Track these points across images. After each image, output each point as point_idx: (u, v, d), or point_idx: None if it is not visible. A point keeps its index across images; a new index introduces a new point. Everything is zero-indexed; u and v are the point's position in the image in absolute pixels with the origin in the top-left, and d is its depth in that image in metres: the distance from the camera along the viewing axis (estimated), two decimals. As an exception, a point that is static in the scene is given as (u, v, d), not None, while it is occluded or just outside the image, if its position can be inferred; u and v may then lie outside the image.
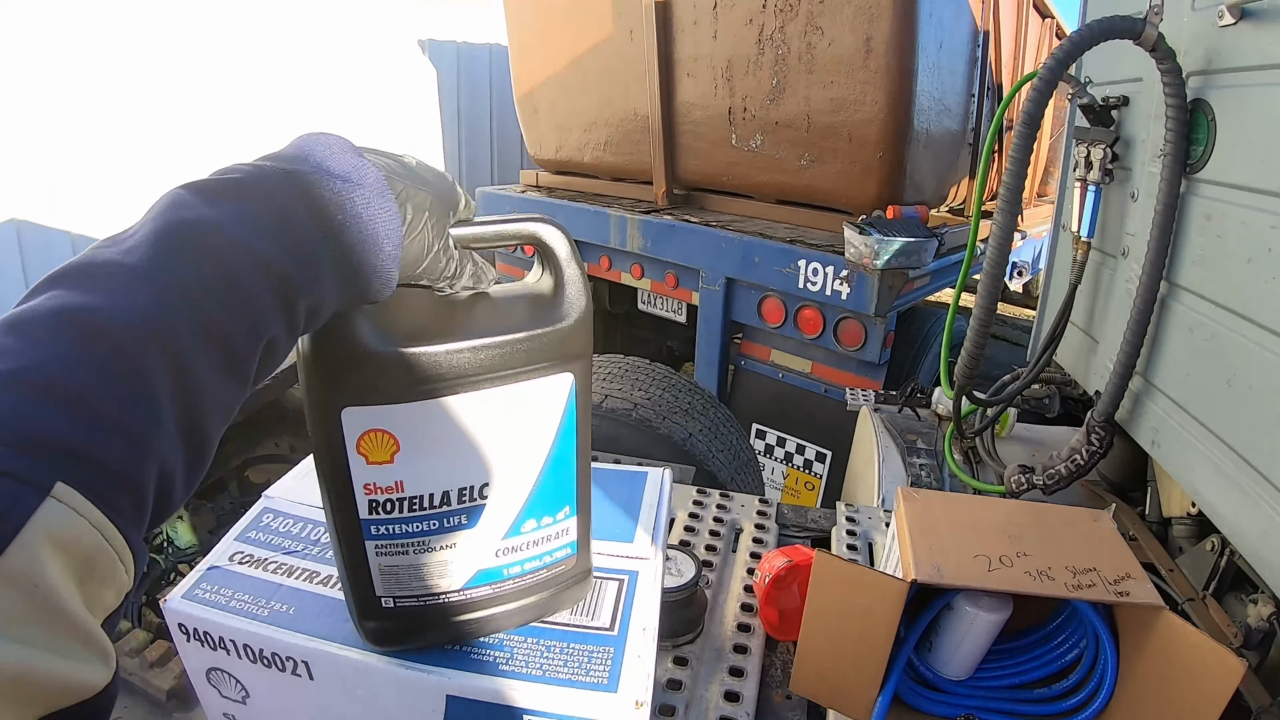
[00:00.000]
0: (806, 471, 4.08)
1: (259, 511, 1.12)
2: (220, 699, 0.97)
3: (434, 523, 0.83)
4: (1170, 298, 1.73)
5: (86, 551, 0.44)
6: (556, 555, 0.92)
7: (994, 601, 1.15)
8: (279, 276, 0.56)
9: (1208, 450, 1.55)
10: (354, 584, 0.85)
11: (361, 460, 0.77)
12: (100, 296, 0.48)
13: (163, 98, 6.27)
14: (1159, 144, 1.69)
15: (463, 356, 0.75)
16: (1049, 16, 5.49)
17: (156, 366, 0.48)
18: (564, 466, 0.88)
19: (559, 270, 0.82)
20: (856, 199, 3.95)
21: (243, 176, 0.58)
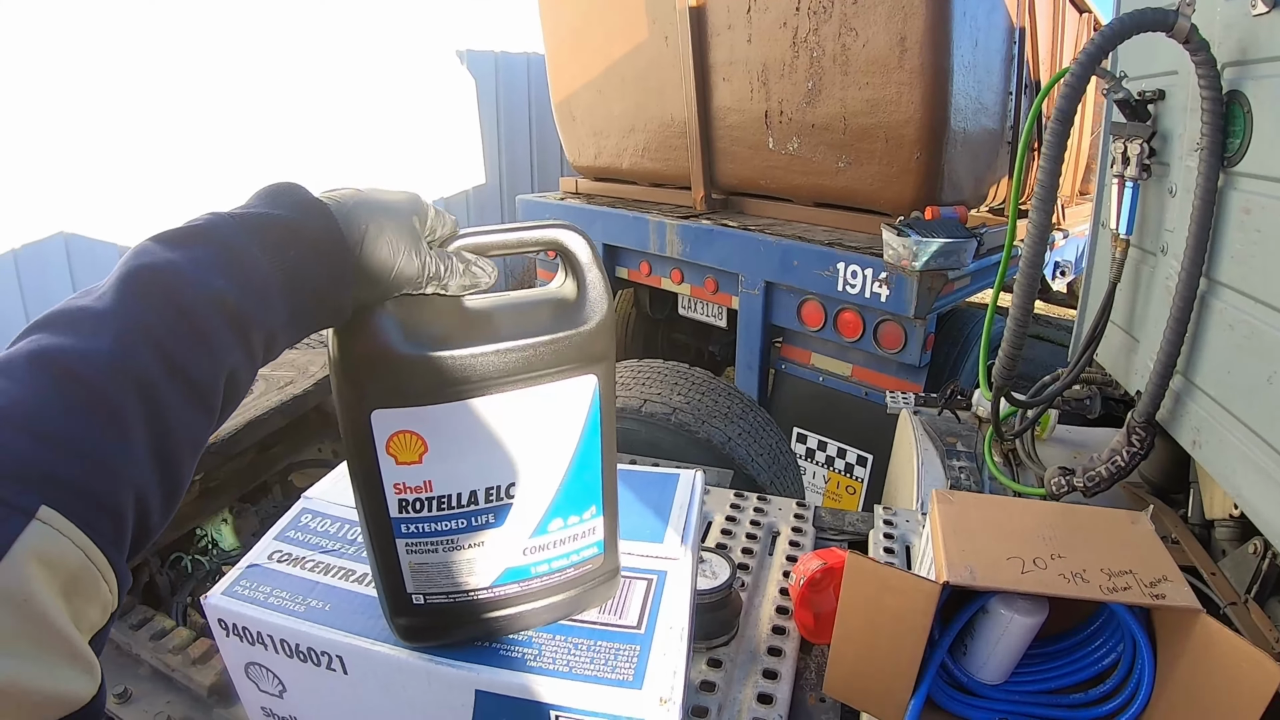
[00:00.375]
0: (848, 475, 4.06)
1: (298, 512, 1.16)
2: (258, 693, 1.01)
3: (462, 521, 0.85)
4: (1210, 294, 1.70)
5: (70, 569, 0.47)
6: (584, 554, 0.94)
7: (1029, 605, 1.15)
8: (232, 310, 0.60)
9: (1250, 450, 1.52)
10: (386, 581, 0.88)
11: (391, 460, 0.80)
12: (72, 338, 0.53)
13: (208, 110, 6.38)
14: (1196, 137, 1.67)
15: (488, 359, 0.78)
16: (1086, 11, 5.42)
17: (127, 399, 0.53)
18: (589, 466, 0.90)
19: (581, 275, 0.85)
20: (894, 200, 3.93)
21: (201, 223, 0.62)
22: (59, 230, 5.78)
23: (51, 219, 5.73)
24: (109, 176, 5.91)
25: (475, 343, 0.78)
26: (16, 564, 0.44)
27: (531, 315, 0.83)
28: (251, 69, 6.63)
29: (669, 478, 1.21)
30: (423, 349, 0.76)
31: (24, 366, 0.51)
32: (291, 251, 0.64)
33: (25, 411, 0.49)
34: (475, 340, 0.78)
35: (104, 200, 5.94)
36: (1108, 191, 2.19)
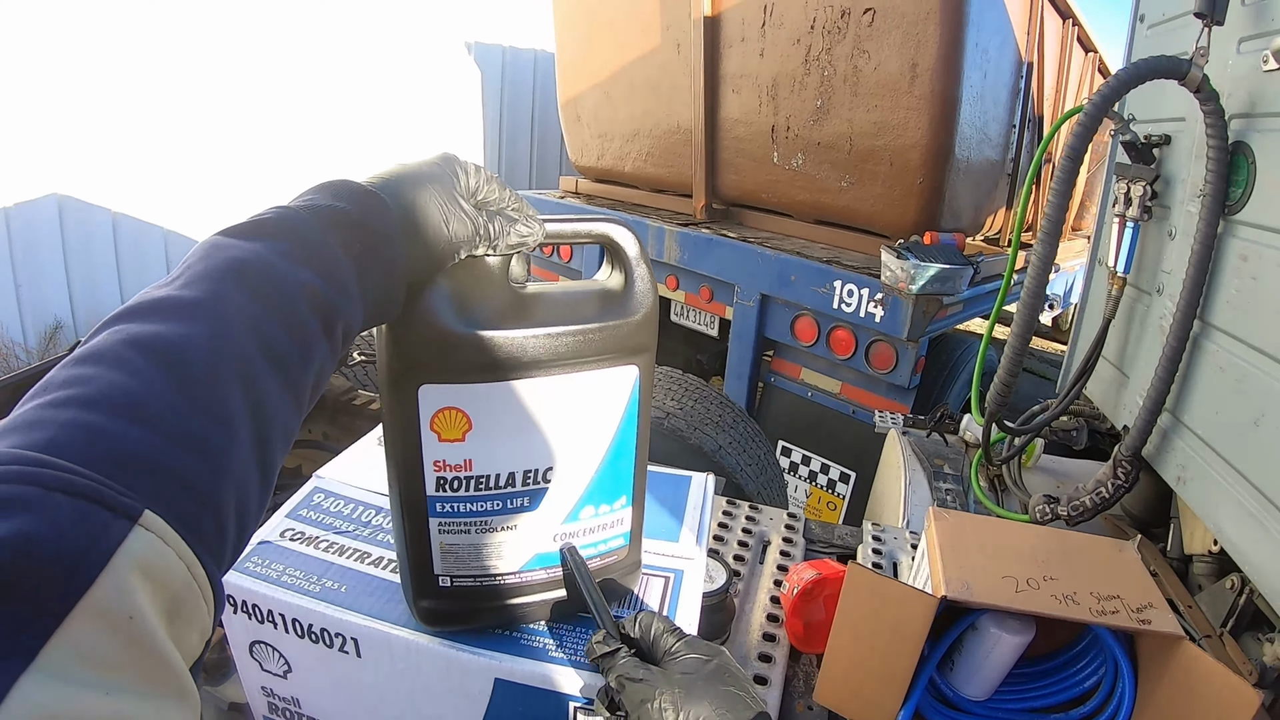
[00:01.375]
0: (830, 491, 4.09)
1: (310, 491, 1.16)
2: (261, 672, 1.00)
3: (498, 503, 0.86)
4: (1203, 337, 1.75)
5: (174, 587, 0.42)
6: (611, 544, 0.96)
7: (1018, 624, 1.18)
8: (320, 302, 0.59)
9: (1233, 489, 1.57)
10: (414, 561, 0.88)
11: (434, 437, 0.81)
12: (169, 325, 0.50)
13: (211, 83, 6.36)
14: (1199, 184, 1.72)
15: (538, 342, 0.80)
16: (1092, 51, 5.48)
17: (231, 388, 0.50)
18: (624, 456, 0.92)
19: (629, 269, 0.87)
20: (895, 223, 3.97)
21: (273, 216, 0.61)
22: (53, 191, 5.76)
23: (46, 180, 5.71)
24: (107, 143, 5.91)
25: (527, 325, 0.80)
26: (119, 576, 0.38)
27: (581, 303, 0.85)
28: (256, 44, 6.62)
29: (682, 479, 1.24)
30: (476, 327, 0.77)
31: (119, 353, 0.47)
32: (358, 246, 0.63)
33: (128, 395, 0.45)
34: (527, 323, 0.80)
35: (100, 166, 5.93)
36: (1107, 229, 2.23)
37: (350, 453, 1.28)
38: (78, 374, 0.46)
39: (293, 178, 6.67)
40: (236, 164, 6.67)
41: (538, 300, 0.84)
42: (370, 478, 1.19)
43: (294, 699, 1.01)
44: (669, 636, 0.82)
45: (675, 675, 0.77)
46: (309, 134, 7.12)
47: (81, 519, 0.38)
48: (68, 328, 6.07)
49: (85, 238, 6.02)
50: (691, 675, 0.77)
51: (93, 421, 0.43)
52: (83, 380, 0.45)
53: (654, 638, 0.83)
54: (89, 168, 5.88)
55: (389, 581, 0.97)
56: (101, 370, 0.45)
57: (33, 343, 5.92)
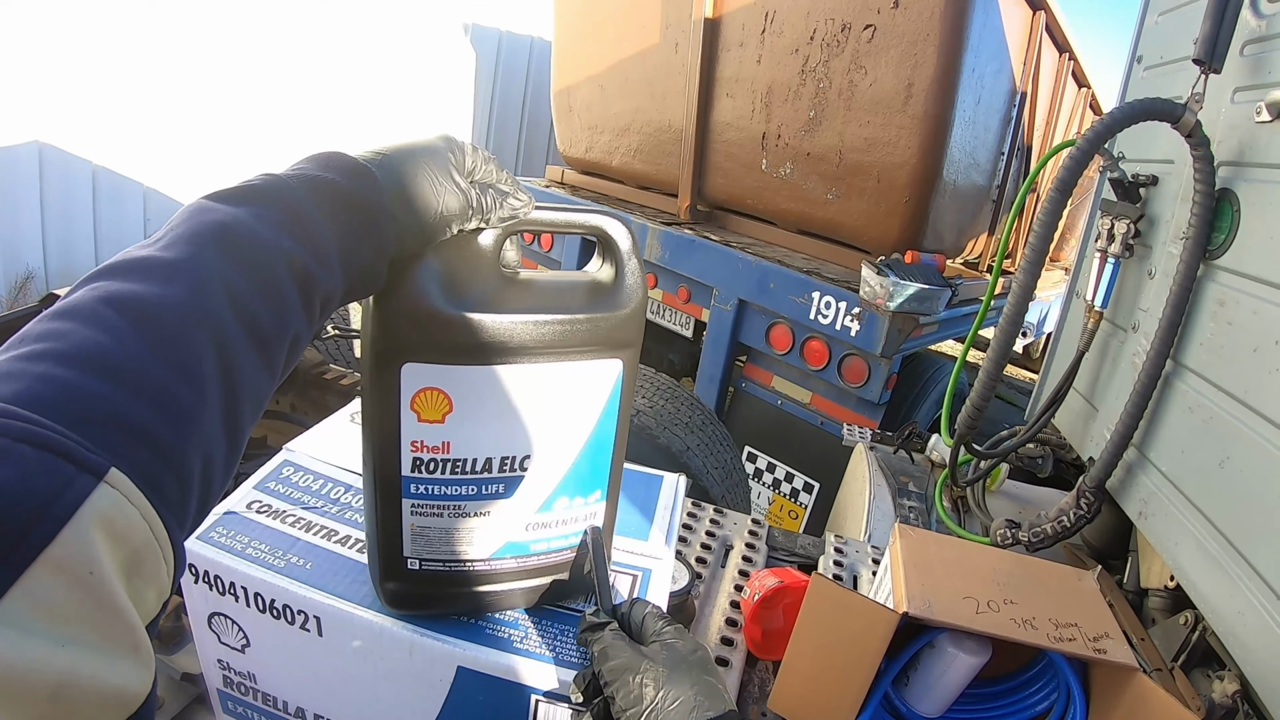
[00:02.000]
0: (792, 500, 4.11)
1: (279, 463, 1.14)
2: (218, 644, 0.99)
3: (473, 488, 0.86)
4: (1174, 376, 1.77)
5: (135, 544, 0.42)
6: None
7: (975, 644, 1.19)
8: (300, 271, 0.59)
9: (1193, 527, 1.59)
10: (383, 542, 0.88)
11: (414, 417, 0.81)
12: (147, 284, 0.50)
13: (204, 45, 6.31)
14: (1182, 226, 1.74)
15: (526, 328, 0.80)
16: (1086, 87, 5.53)
17: (204, 349, 0.50)
18: (601, 450, 0.92)
19: (620, 263, 0.87)
20: (877, 239, 3.99)
21: (261, 183, 0.61)
22: (35, 139, 5.67)
23: (29, 126, 5.62)
24: (95, 95, 5.82)
25: (515, 310, 0.80)
26: (82, 530, 0.38)
27: (570, 293, 0.86)
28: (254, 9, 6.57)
29: (654, 479, 1.24)
30: (463, 309, 0.77)
31: (95, 310, 0.47)
32: (343, 217, 0.64)
33: (102, 351, 0.45)
34: (515, 308, 0.80)
35: (86, 117, 5.84)
36: (1088, 263, 2.26)
37: (322, 427, 1.27)
38: (53, 328, 0.46)
39: (280, 147, 6.68)
40: (224, 128, 6.60)
41: (526, 286, 0.84)
42: (342, 454, 1.18)
43: (250, 674, 1.00)
44: (659, 621, 0.83)
45: (660, 655, 0.79)
46: (298, 103, 7.06)
47: (47, 471, 0.38)
48: (39, 278, 5.98)
49: (64, 188, 5.93)
50: (675, 659, 0.78)
51: (64, 376, 0.43)
52: (58, 335, 0.45)
53: (643, 620, 0.84)
54: (74, 117, 5.79)
55: (355, 561, 0.96)
56: (77, 326, 0.46)
57: (2, 291, 5.84)
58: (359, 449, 0.88)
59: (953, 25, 3.51)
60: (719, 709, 0.75)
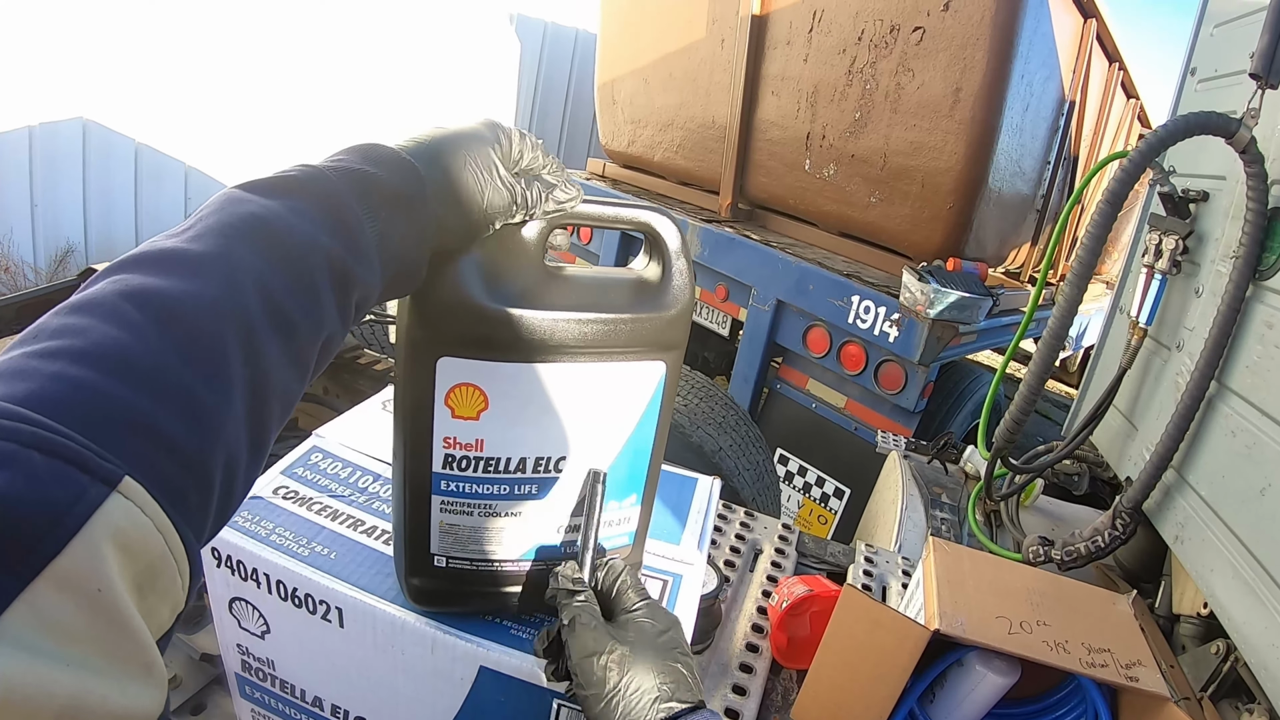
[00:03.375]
0: (822, 505, 4.09)
1: (308, 449, 1.14)
2: (238, 629, 0.99)
3: (505, 488, 0.85)
4: (1218, 398, 1.74)
5: (149, 558, 0.40)
6: (615, 542, 0.94)
7: (1005, 665, 1.18)
8: (337, 268, 0.57)
9: (1230, 554, 1.56)
10: (410, 537, 0.87)
11: (448, 413, 0.79)
12: (172, 280, 0.47)
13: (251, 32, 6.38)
14: (1232, 245, 1.71)
15: (568, 326, 0.78)
16: (1135, 98, 5.45)
17: (231, 349, 0.48)
18: (640, 454, 0.91)
19: (668, 262, 0.85)
20: (919, 245, 3.95)
21: (299, 174, 0.59)
22: (79, 114, 5.76)
23: (74, 102, 5.70)
24: (140, 73, 5.91)
25: (558, 307, 0.78)
26: (92, 544, 0.36)
27: (614, 291, 0.84)
28: None
29: (688, 481, 1.23)
30: (505, 303, 0.75)
31: (115, 305, 0.45)
32: (384, 213, 0.61)
33: (120, 349, 0.43)
34: (558, 305, 0.78)
35: (130, 94, 5.93)
36: (1133, 278, 2.23)
37: (353, 414, 1.26)
38: (71, 323, 0.44)
39: (323, 131, 6.74)
40: (267, 111, 6.67)
41: (570, 283, 0.82)
42: (371, 443, 1.18)
43: (269, 660, 1.00)
44: (631, 594, 0.82)
45: (628, 635, 0.77)
46: (343, 88, 7.11)
47: (57, 480, 0.36)
48: (79, 252, 6.07)
49: (106, 164, 6.02)
50: (643, 640, 0.77)
51: (80, 376, 0.41)
52: (75, 331, 0.43)
53: (618, 591, 0.82)
54: (119, 94, 5.87)
55: (381, 553, 0.95)
56: (95, 322, 0.43)
57: (42, 264, 5.92)
58: (389, 438, 0.87)
59: (1003, 30, 3.47)
60: (684, 698, 0.73)
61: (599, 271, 0.88)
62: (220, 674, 1.22)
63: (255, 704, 1.06)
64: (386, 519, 1.02)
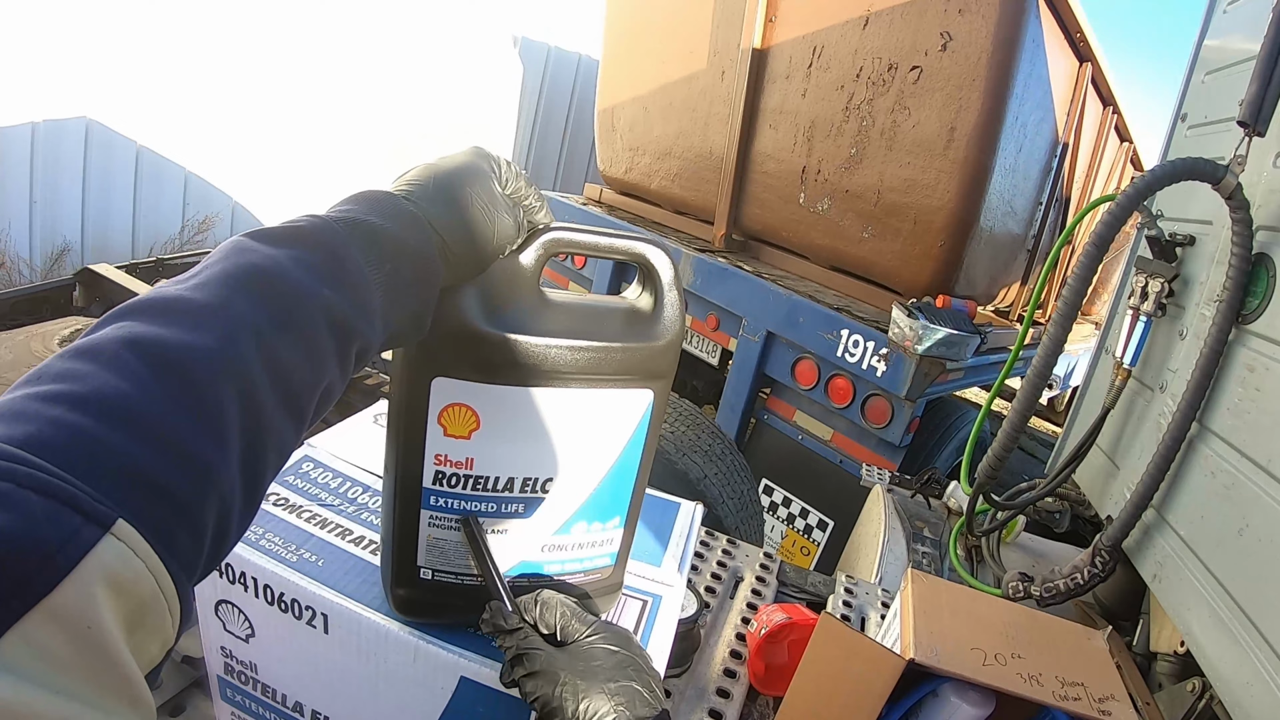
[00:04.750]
0: (805, 536, 4.09)
1: (299, 458, 1.15)
2: (223, 632, 0.99)
3: (492, 505, 0.86)
4: (1199, 439, 1.76)
5: (140, 597, 0.41)
6: (596, 563, 0.95)
7: (979, 696, 1.18)
8: (338, 320, 0.58)
9: (1208, 594, 1.58)
10: (398, 549, 0.88)
11: (440, 430, 0.81)
12: (172, 329, 0.48)
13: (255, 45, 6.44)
14: (1216, 289, 1.73)
15: (561, 353, 0.80)
16: (1128, 141, 5.51)
17: (228, 399, 0.49)
18: (624, 478, 0.92)
19: (660, 293, 0.87)
20: (909, 281, 3.98)
21: (304, 225, 0.60)
22: (83, 114, 5.80)
23: (78, 100, 5.74)
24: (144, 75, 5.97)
25: (552, 333, 0.79)
26: (84, 583, 0.37)
27: (607, 319, 0.85)
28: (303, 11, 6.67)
29: (671, 505, 1.24)
30: (501, 328, 0.77)
31: (117, 353, 0.46)
32: (389, 265, 0.62)
33: (119, 396, 0.44)
34: (552, 330, 0.80)
35: (133, 96, 5.98)
36: (1119, 319, 2.25)
37: (344, 426, 1.27)
38: (72, 369, 0.45)
39: (327, 146, 6.77)
40: (269, 123, 6.71)
41: (564, 309, 0.84)
42: (362, 455, 1.19)
43: (252, 664, 1.01)
44: (575, 622, 0.82)
45: (577, 663, 0.77)
46: (346, 103, 7.16)
47: (52, 520, 0.37)
48: (75, 251, 6.08)
49: (107, 165, 6.06)
50: (595, 664, 0.77)
51: (78, 422, 0.42)
52: (76, 376, 0.44)
53: (560, 622, 0.82)
54: (124, 96, 5.92)
55: (367, 562, 0.96)
56: (96, 369, 0.45)
57: (38, 261, 5.94)
58: (380, 451, 0.88)
59: (999, 71, 3.51)
60: (643, 714, 0.74)
61: (592, 299, 0.89)
62: (201, 676, 1.23)
63: (236, 707, 1.07)
64: (374, 529, 1.03)
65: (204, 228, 6.72)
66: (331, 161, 7.15)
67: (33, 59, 5.39)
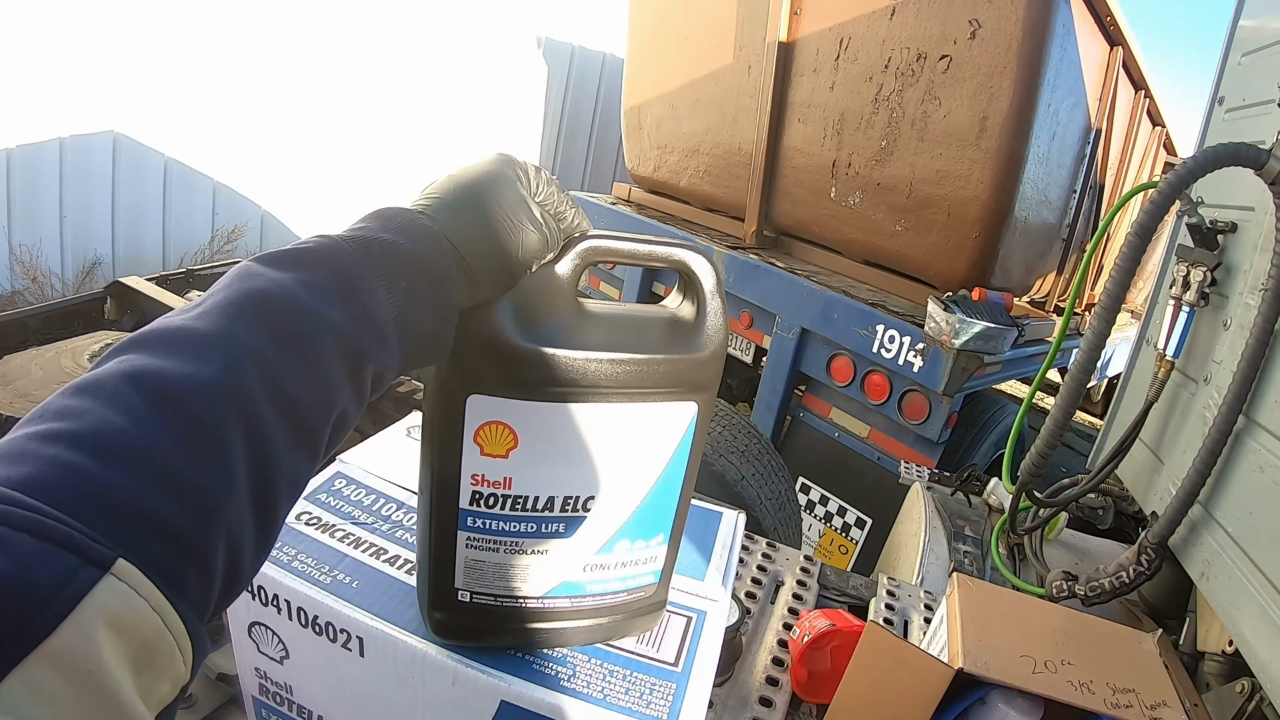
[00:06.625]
0: (844, 535, 4.07)
1: (331, 475, 1.12)
2: (257, 653, 0.97)
3: (532, 525, 0.84)
4: (1246, 433, 1.73)
5: (145, 637, 0.40)
6: (640, 580, 0.93)
7: (1028, 704, 1.17)
8: (348, 344, 0.56)
9: (1258, 593, 1.55)
10: (435, 571, 0.85)
11: (476, 450, 0.78)
12: (174, 360, 0.47)
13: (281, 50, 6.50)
14: (1261, 277, 1.70)
15: (601, 367, 0.77)
16: (1160, 126, 5.43)
17: (231, 431, 0.47)
18: (668, 494, 0.89)
19: (703, 302, 0.83)
20: (944, 274, 3.95)
21: (313, 246, 0.58)
22: (111, 128, 5.87)
23: (106, 115, 5.81)
24: (171, 88, 6.03)
25: (590, 347, 0.77)
26: (84, 625, 0.36)
27: (647, 330, 0.83)
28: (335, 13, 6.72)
29: (713, 514, 1.22)
30: (538, 343, 0.74)
31: (117, 388, 0.45)
32: (403, 284, 0.60)
33: (117, 434, 0.43)
34: (590, 344, 0.77)
35: (161, 109, 6.05)
36: (1160, 310, 2.22)
37: (377, 440, 1.25)
38: (72, 406, 0.44)
39: (350, 149, 6.80)
40: (295, 129, 6.77)
41: (603, 321, 0.81)
42: (396, 470, 1.17)
43: (287, 685, 0.99)
44: None
45: None
46: (370, 106, 7.21)
47: (48, 563, 0.36)
48: (106, 264, 6.16)
49: (136, 178, 6.14)
50: None
51: (75, 461, 0.41)
52: (76, 414, 0.44)
53: None
54: (150, 108, 5.99)
55: (403, 583, 0.94)
56: (96, 405, 0.44)
57: (70, 274, 6.02)
58: (414, 466, 0.86)
59: (1030, 59, 3.48)
60: None
61: (632, 309, 0.87)
62: (236, 694, 1.22)
63: (271, 726, 1.06)
64: (410, 548, 1.01)
65: (234, 237, 6.79)
66: (358, 167, 7.21)
67: (59, 74, 5.47)
